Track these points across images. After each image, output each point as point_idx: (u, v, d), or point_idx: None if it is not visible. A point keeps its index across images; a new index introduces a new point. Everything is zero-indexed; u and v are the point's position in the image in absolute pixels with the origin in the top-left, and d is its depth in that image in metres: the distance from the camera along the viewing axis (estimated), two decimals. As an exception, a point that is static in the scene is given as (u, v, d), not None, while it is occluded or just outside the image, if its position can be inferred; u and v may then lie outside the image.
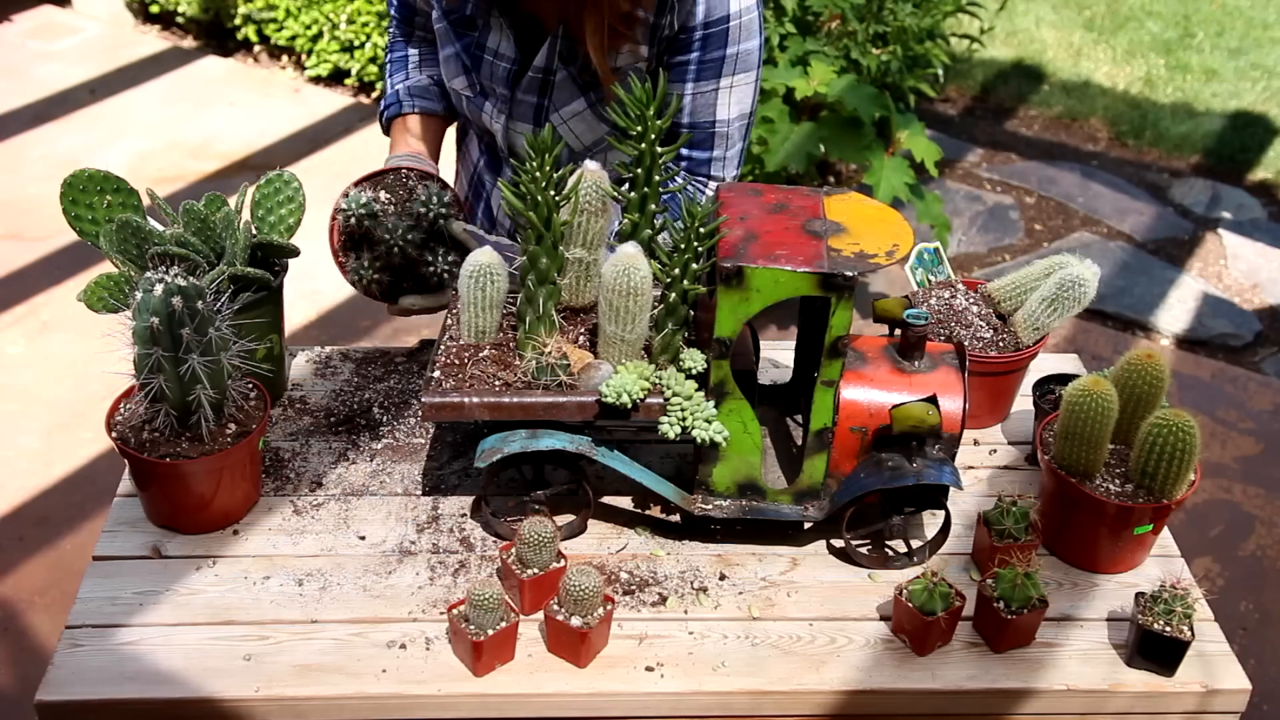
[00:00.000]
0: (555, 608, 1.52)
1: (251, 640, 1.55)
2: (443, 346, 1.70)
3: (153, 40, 5.64)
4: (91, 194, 1.75)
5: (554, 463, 1.69)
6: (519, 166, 1.60)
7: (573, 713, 1.53)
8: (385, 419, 1.92)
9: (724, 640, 1.58)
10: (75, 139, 4.84)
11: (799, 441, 1.77)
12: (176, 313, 1.52)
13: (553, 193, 1.60)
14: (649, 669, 1.54)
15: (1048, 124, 5.37)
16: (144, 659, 1.52)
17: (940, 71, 3.96)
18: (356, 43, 5.09)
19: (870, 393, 1.63)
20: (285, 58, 5.47)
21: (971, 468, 1.90)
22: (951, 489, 1.70)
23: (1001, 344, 1.89)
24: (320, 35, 5.18)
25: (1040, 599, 1.56)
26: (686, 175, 1.93)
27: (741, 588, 1.66)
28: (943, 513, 1.69)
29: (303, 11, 5.16)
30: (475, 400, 1.60)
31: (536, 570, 1.57)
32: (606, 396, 1.57)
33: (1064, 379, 1.91)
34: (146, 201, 1.79)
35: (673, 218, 1.85)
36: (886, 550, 1.73)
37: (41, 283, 4.00)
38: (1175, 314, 4.14)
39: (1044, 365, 2.06)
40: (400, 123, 2.07)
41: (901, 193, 3.51)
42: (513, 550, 1.59)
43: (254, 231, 1.83)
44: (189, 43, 5.64)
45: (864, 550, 1.72)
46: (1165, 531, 1.77)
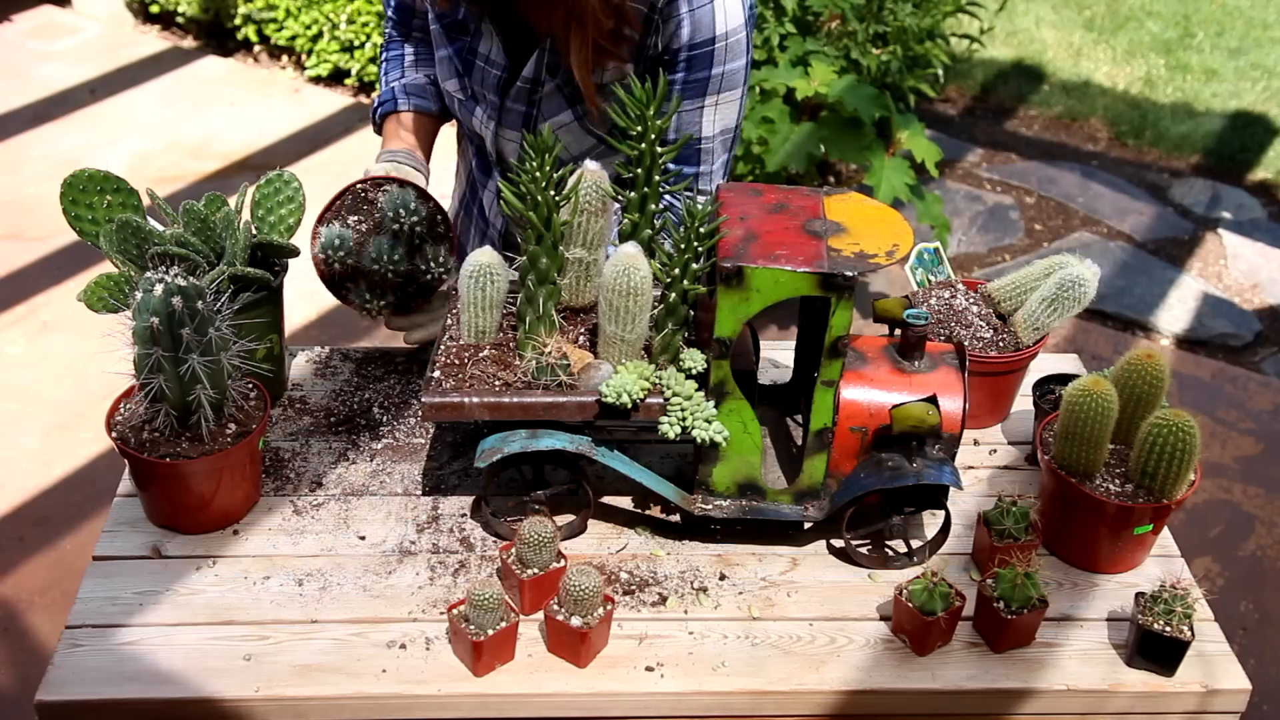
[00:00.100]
0: (555, 608, 1.52)
1: (251, 640, 1.55)
2: (443, 346, 1.70)
3: (153, 40, 5.64)
4: (91, 194, 1.75)
5: (554, 463, 1.69)
6: (519, 167, 1.60)
7: (573, 713, 1.53)
8: (385, 419, 1.92)
9: (724, 640, 1.58)
10: (75, 139, 4.84)
11: (799, 441, 1.77)
12: (176, 313, 1.52)
13: (553, 193, 1.60)
14: (649, 669, 1.54)
15: (1048, 124, 5.37)
16: (144, 659, 1.52)
17: (940, 71, 3.96)
18: (356, 43, 5.10)
19: (870, 393, 1.63)
20: (285, 58, 5.47)
21: (971, 468, 1.90)
22: (951, 489, 1.70)
23: (1001, 344, 1.89)
24: (320, 35, 5.18)
25: (1040, 599, 1.56)
26: (671, 189, 1.92)
27: (741, 588, 1.66)
28: (943, 513, 1.69)
29: (303, 11, 5.16)
30: (475, 400, 1.60)
31: (536, 570, 1.57)
32: (606, 396, 1.57)
33: (1064, 379, 1.91)
34: (146, 201, 1.79)
35: (664, 237, 1.85)
36: (886, 550, 1.73)
37: (41, 283, 4.00)
38: (1175, 314, 4.14)
39: (1044, 365, 2.06)
40: (394, 119, 2.07)
41: (902, 193, 3.51)
42: (513, 550, 1.59)
43: (254, 231, 1.83)
44: (189, 43, 5.64)
45: (864, 550, 1.72)
46: (1165, 531, 1.77)
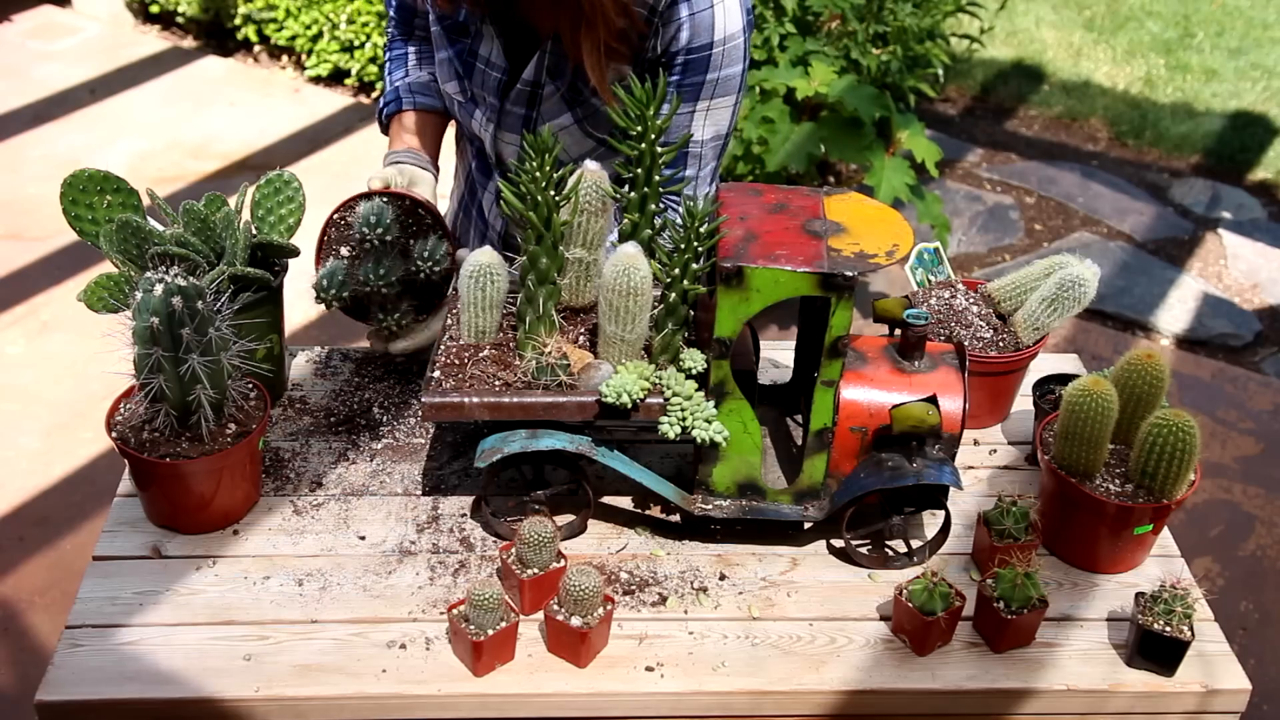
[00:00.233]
0: (555, 608, 1.52)
1: (251, 640, 1.55)
2: (443, 346, 1.70)
3: (153, 40, 5.64)
4: (91, 194, 1.75)
5: (554, 463, 1.69)
6: (519, 167, 1.60)
7: (573, 713, 1.53)
8: (385, 419, 1.92)
9: (724, 640, 1.58)
10: (75, 139, 4.84)
11: (799, 441, 1.77)
12: (176, 313, 1.52)
13: (553, 193, 1.60)
14: (649, 669, 1.54)
15: (1048, 124, 5.37)
16: (144, 659, 1.52)
17: (940, 71, 3.96)
18: (356, 43, 5.10)
19: (870, 393, 1.63)
20: (285, 58, 5.47)
21: (971, 468, 1.90)
22: (951, 489, 1.70)
23: (1001, 344, 1.89)
24: (320, 35, 5.18)
25: (1040, 599, 1.56)
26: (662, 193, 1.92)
27: (741, 588, 1.66)
28: (943, 513, 1.69)
29: (303, 11, 5.16)
30: (475, 400, 1.60)
31: (536, 570, 1.57)
32: (606, 396, 1.57)
33: (1064, 379, 1.91)
34: (146, 201, 1.79)
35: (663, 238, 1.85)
36: (886, 550, 1.73)
37: (41, 283, 4.00)
38: (1175, 314, 4.14)
39: (1044, 365, 2.06)
40: (398, 119, 2.07)
41: (902, 193, 3.51)
42: (513, 550, 1.59)
43: (254, 231, 1.83)
44: (189, 43, 5.64)
45: (864, 550, 1.72)
46: (1165, 531, 1.77)
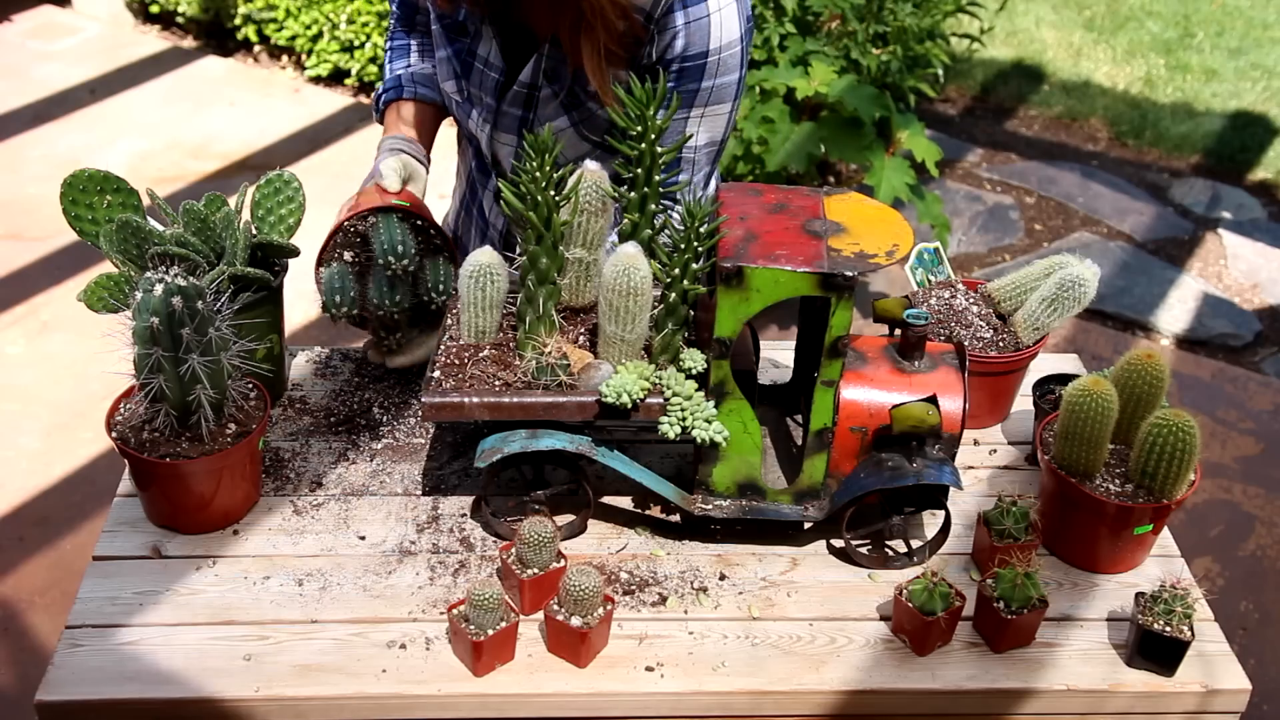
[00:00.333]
0: (555, 608, 1.52)
1: (251, 640, 1.55)
2: (443, 346, 1.70)
3: (153, 40, 5.64)
4: (91, 194, 1.75)
5: (554, 463, 1.69)
6: (519, 166, 1.60)
7: (573, 713, 1.53)
8: (385, 419, 1.92)
9: (724, 640, 1.58)
10: (75, 139, 4.84)
11: (799, 441, 1.77)
12: (176, 313, 1.52)
13: (553, 193, 1.60)
14: (649, 669, 1.54)
15: (1048, 124, 5.37)
16: (144, 659, 1.52)
17: (940, 71, 3.96)
18: (356, 43, 5.10)
19: (870, 393, 1.63)
20: (285, 58, 5.47)
21: (971, 468, 1.90)
22: (951, 489, 1.70)
23: (1001, 344, 1.89)
24: (320, 35, 5.18)
25: (1040, 599, 1.56)
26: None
27: (741, 588, 1.66)
28: (943, 513, 1.69)
29: (303, 11, 5.16)
30: (475, 400, 1.60)
31: (536, 570, 1.57)
32: (606, 396, 1.57)
33: (1064, 379, 1.91)
34: (146, 201, 1.79)
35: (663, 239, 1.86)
36: (886, 550, 1.73)
37: (41, 283, 4.00)
38: (1175, 314, 4.14)
39: (1044, 365, 2.06)
40: (397, 107, 2.06)
41: (902, 193, 3.51)
42: (513, 550, 1.59)
43: (254, 231, 1.83)
44: (189, 43, 5.64)
45: (864, 550, 1.72)
46: (1165, 531, 1.77)
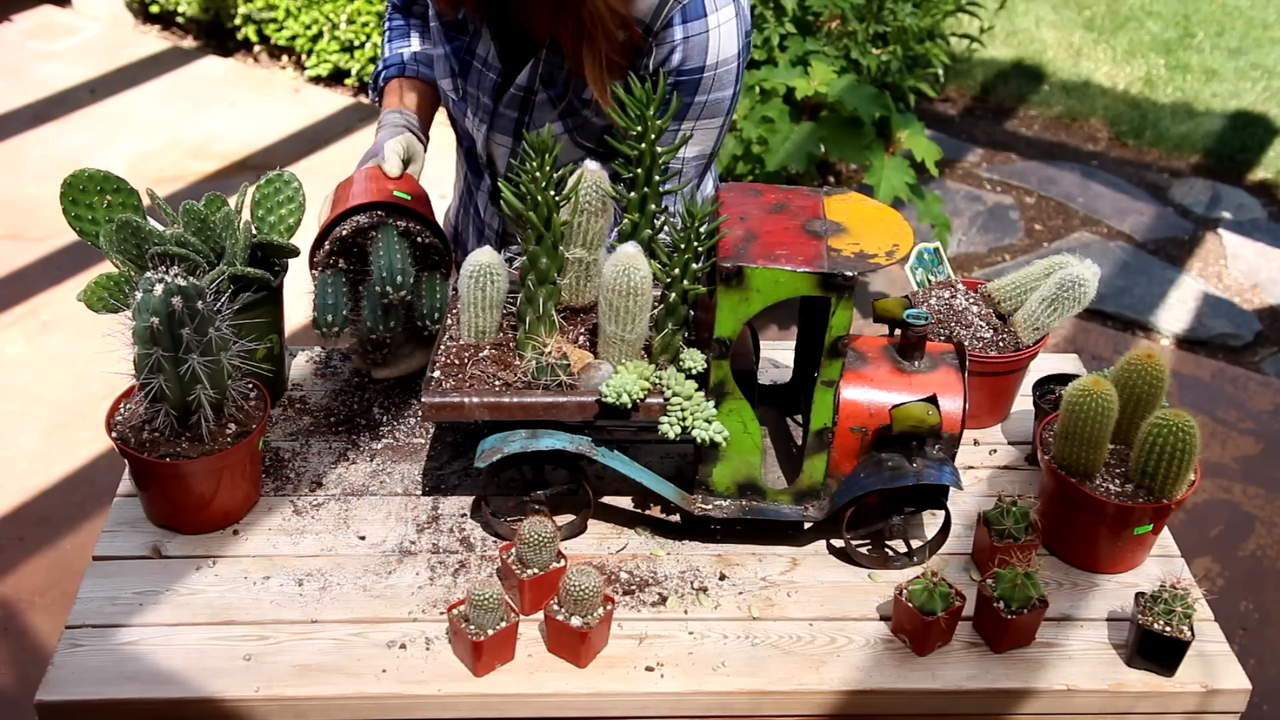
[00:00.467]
0: (555, 608, 1.52)
1: (251, 640, 1.55)
2: (443, 346, 1.70)
3: (153, 40, 5.64)
4: (91, 194, 1.75)
5: (554, 463, 1.69)
6: (519, 166, 1.60)
7: (573, 713, 1.53)
8: (385, 419, 1.92)
9: (724, 640, 1.58)
10: (75, 139, 4.84)
11: (799, 441, 1.77)
12: (176, 313, 1.52)
13: (553, 193, 1.60)
14: (649, 669, 1.54)
15: (1048, 124, 5.37)
16: (144, 659, 1.52)
17: (940, 71, 3.96)
18: (356, 43, 5.09)
19: (870, 393, 1.63)
20: (285, 58, 5.46)
21: (971, 468, 1.90)
22: (951, 489, 1.70)
23: (1001, 344, 1.89)
24: (320, 35, 5.18)
25: (1040, 599, 1.56)
26: None
27: (741, 588, 1.66)
28: (943, 513, 1.69)
29: (303, 11, 5.16)
30: (475, 400, 1.60)
31: (536, 570, 1.57)
32: (606, 396, 1.57)
33: (1064, 379, 1.91)
34: (146, 201, 1.79)
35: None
36: (886, 550, 1.73)
37: (41, 283, 4.00)
38: (1175, 314, 4.14)
39: (1044, 365, 2.06)
40: (397, 84, 2.05)
41: (902, 192, 3.51)
42: (513, 550, 1.59)
43: (254, 231, 1.83)
44: (189, 43, 5.64)
45: (864, 550, 1.72)
46: (1165, 531, 1.77)
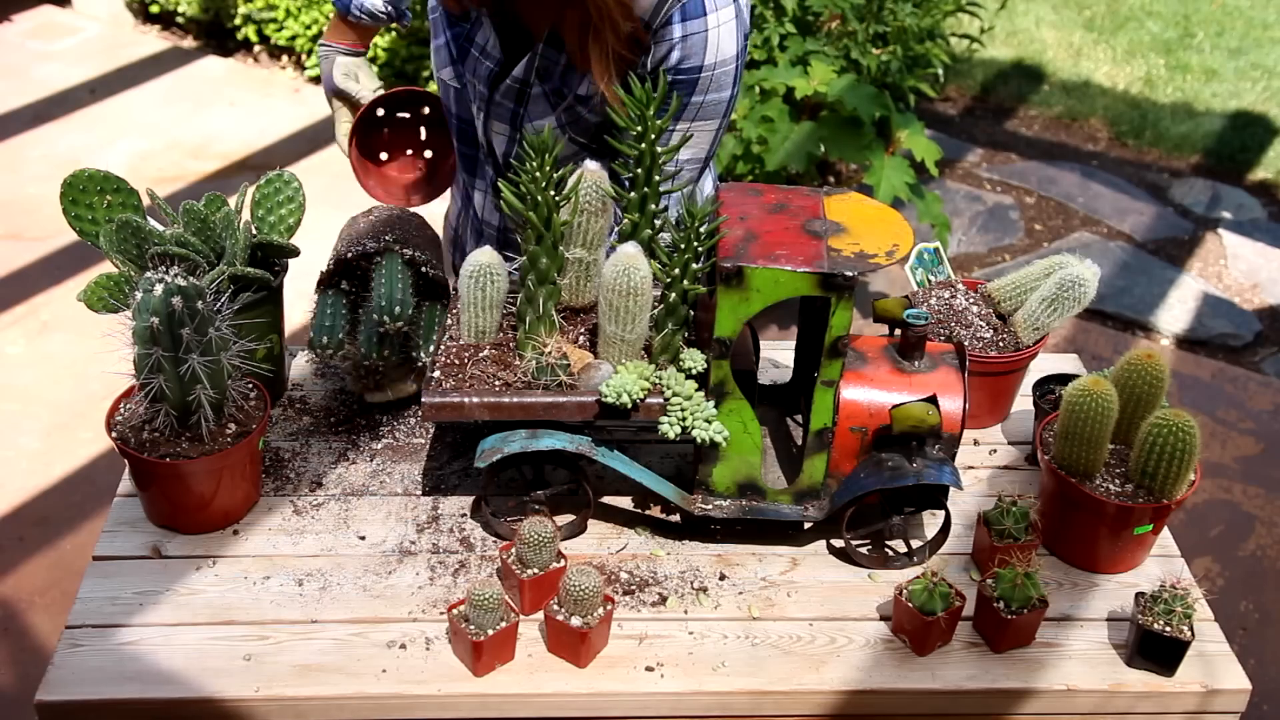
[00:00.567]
0: (555, 608, 1.52)
1: (251, 640, 1.55)
2: (443, 346, 1.70)
3: (153, 40, 5.64)
4: (91, 194, 1.75)
5: (554, 463, 1.69)
6: (518, 166, 1.60)
7: (573, 713, 1.53)
8: (385, 419, 1.92)
9: (724, 640, 1.58)
10: (75, 139, 4.84)
11: (799, 441, 1.77)
12: (176, 313, 1.52)
13: (553, 193, 1.60)
14: (649, 669, 1.54)
15: (1048, 124, 5.37)
16: (144, 659, 1.52)
17: (940, 71, 3.96)
18: (356, 43, 5.09)
19: (870, 393, 1.63)
20: (285, 58, 5.46)
21: (971, 468, 1.90)
22: (951, 489, 1.70)
23: (1001, 344, 1.89)
24: (320, 35, 5.18)
25: (1040, 599, 1.56)
26: None
27: (741, 588, 1.66)
28: (943, 513, 1.69)
29: (303, 11, 5.16)
30: (475, 400, 1.60)
31: (536, 570, 1.57)
32: (606, 396, 1.57)
33: (1064, 379, 1.91)
34: (146, 201, 1.79)
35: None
36: (886, 550, 1.73)
37: (41, 283, 4.00)
38: (1175, 314, 4.14)
39: (1044, 365, 2.06)
40: (339, 19, 2.05)
41: (902, 192, 3.51)
42: (513, 550, 1.59)
43: (254, 231, 1.83)
44: (189, 43, 5.64)
45: (864, 550, 1.72)
46: (1165, 531, 1.77)
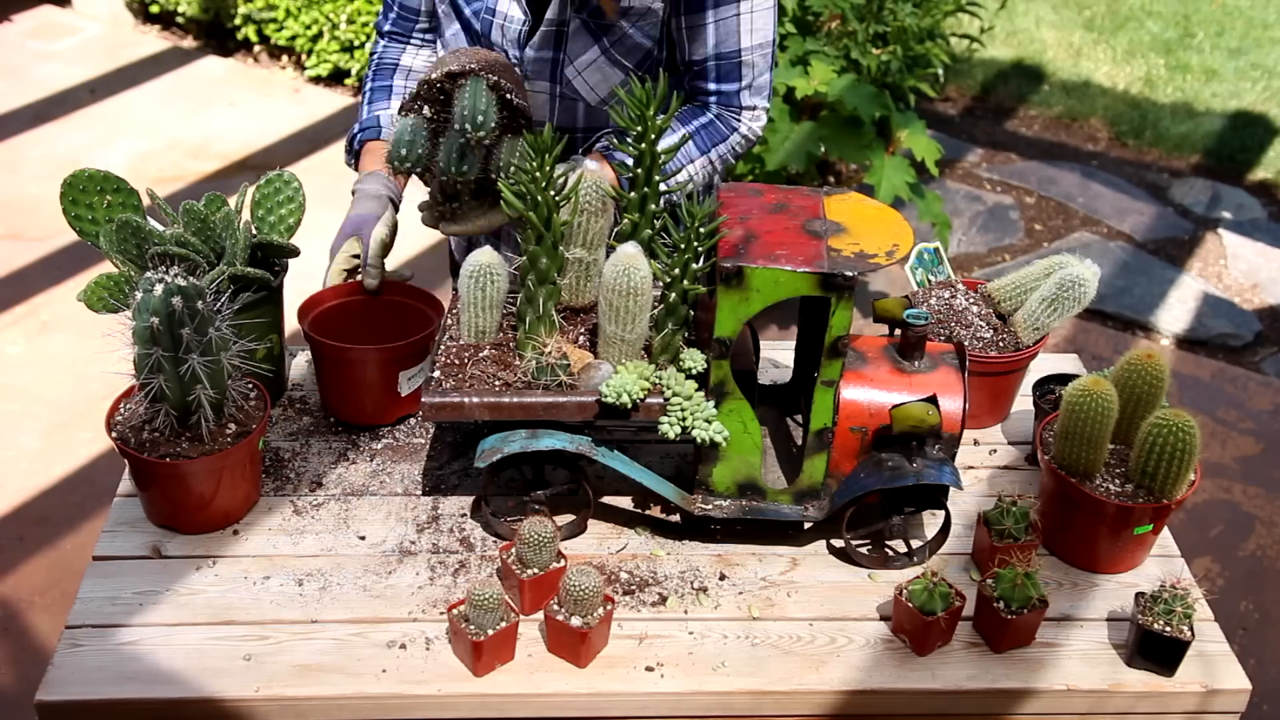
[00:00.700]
0: (555, 608, 1.52)
1: (251, 640, 1.55)
2: (443, 346, 1.70)
3: (153, 40, 5.64)
4: (91, 194, 1.75)
5: (554, 463, 1.69)
6: (519, 165, 1.60)
7: (573, 713, 1.53)
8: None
9: (724, 640, 1.58)
10: (75, 139, 4.84)
11: (799, 441, 1.77)
12: (176, 313, 1.52)
13: (553, 193, 1.60)
14: (649, 669, 1.54)
15: (1048, 124, 5.37)
16: (144, 659, 1.52)
17: (940, 71, 3.96)
18: (356, 43, 5.09)
19: (870, 393, 1.63)
20: (285, 58, 5.46)
21: (971, 468, 1.90)
22: (951, 489, 1.70)
23: (1001, 344, 1.89)
24: (320, 35, 5.18)
25: (1040, 599, 1.56)
26: (719, 109, 1.96)
27: (741, 588, 1.66)
28: (943, 513, 1.69)
29: (303, 11, 5.16)
30: (475, 400, 1.60)
31: (536, 570, 1.57)
32: (606, 396, 1.57)
33: (1064, 379, 1.91)
34: (146, 201, 1.80)
35: (700, 150, 1.92)
36: (886, 550, 1.73)
37: (41, 283, 4.00)
38: (1175, 314, 4.14)
39: (1044, 365, 2.06)
40: (375, 145, 2.02)
41: (903, 191, 3.51)
42: (513, 550, 1.59)
43: (254, 231, 1.83)
44: (189, 43, 5.64)
45: (864, 550, 1.72)
46: (1165, 531, 1.77)
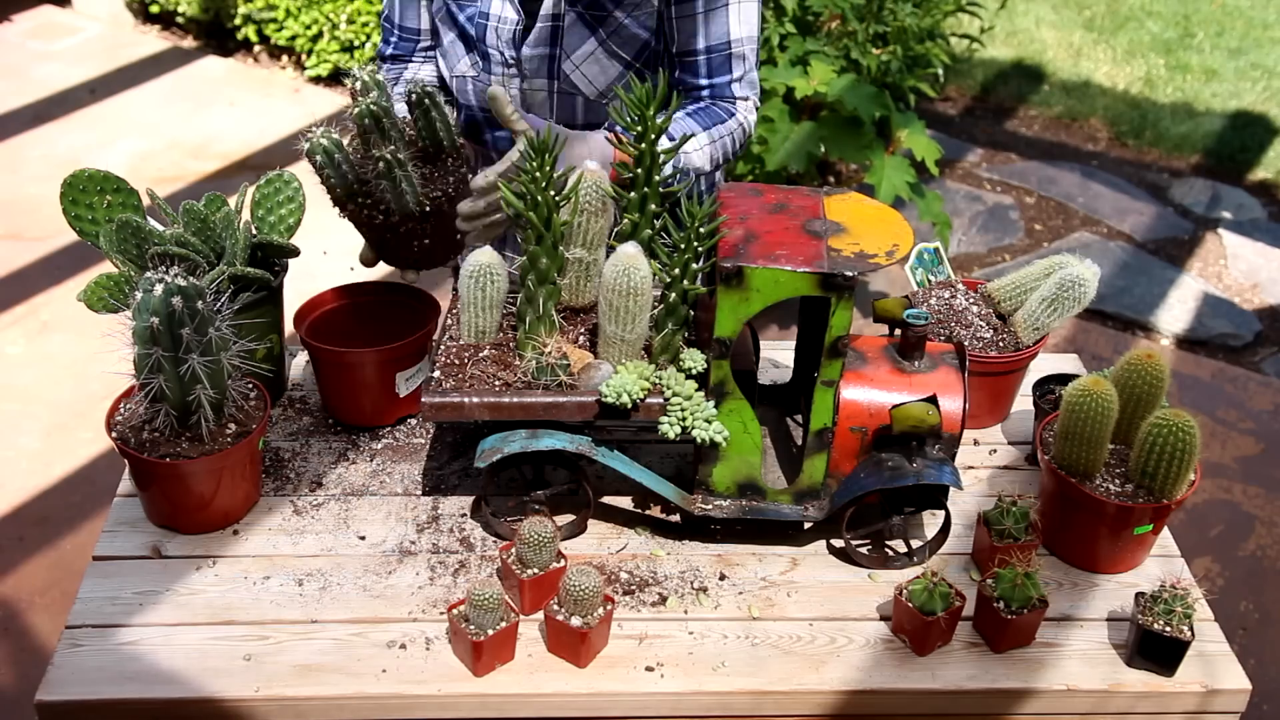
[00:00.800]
0: (555, 608, 1.52)
1: (251, 640, 1.55)
2: (443, 346, 1.70)
3: (153, 40, 5.64)
4: (91, 194, 1.75)
5: (554, 463, 1.69)
6: (518, 165, 1.60)
7: (573, 713, 1.53)
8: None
9: (724, 640, 1.58)
10: (75, 139, 4.84)
11: (799, 441, 1.77)
12: (176, 313, 1.52)
13: (553, 193, 1.60)
14: (649, 669, 1.54)
15: (1048, 124, 5.37)
16: (144, 659, 1.52)
17: (940, 71, 3.96)
18: (356, 43, 5.09)
19: (870, 393, 1.63)
20: (285, 58, 5.47)
21: (971, 468, 1.90)
22: (951, 489, 1.70)
23: (1001, 344, 1.89)
24: (320, 35, 5.18)
25: (1040, 599, 1.56)
26: (712, 101, 1.99)
27: (741, 588, 1.66)
28: (943, 513, 1.69)
29: (303, 11, 5.16)
30: (475, 400, 1.60)
31: (536, 570, 1.57)
32: (606, 396, 1.57)
33: (1064, 379, 1.91)
34: (146, 201, 1.80)
35: (703, 126, 1.93)
36: (886, 550, 1.73)
37: (41, 283, 4.00)
38: (1175, 314, 4.14)
39: (1044, 365, 2.06)
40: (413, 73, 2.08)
41: (903, 191, 3.51)
42: (513, 550, 1.59)
43: (254, 231, 1.84)
44: (189, 43, 5.64)
45: (864, 550, 1.72)
46: (1165, 531, 1.77)
